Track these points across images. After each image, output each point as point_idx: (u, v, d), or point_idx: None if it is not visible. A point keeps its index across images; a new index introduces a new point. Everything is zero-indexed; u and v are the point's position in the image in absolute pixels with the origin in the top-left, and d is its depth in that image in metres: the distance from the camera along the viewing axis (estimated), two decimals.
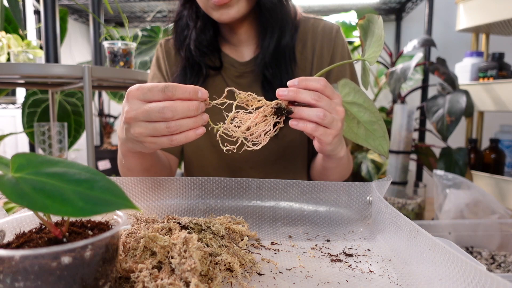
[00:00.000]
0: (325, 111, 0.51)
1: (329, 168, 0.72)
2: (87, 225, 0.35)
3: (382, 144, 0.59)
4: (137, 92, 0.49)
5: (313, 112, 0.51)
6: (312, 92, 0.51)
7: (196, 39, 0.78)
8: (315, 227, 0.57)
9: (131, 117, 0.49)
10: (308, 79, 0.52)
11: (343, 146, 0.63)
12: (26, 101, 1.64)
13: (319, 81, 0.52)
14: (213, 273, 0.38)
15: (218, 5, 0.69)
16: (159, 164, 0.73)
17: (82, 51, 2.83)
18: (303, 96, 0.51)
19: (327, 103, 0.52)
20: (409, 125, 1.45)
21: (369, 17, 0.56)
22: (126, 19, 1.18)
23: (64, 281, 0.27)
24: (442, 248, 0.35)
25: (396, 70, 1.53)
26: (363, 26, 0.57)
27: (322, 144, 0.55)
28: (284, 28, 0.76)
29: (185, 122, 0.48)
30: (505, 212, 1.10)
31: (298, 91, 0.51)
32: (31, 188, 0.27)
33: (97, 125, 2.80)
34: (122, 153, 0.65)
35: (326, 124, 0.52)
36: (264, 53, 0.75)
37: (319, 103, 0.51)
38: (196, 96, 0.48)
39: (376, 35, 0.54)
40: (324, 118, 0.51)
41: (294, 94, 0.50)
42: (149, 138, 0.50)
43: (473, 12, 1.42)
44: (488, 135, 1.57)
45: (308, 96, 0.51)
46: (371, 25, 0.56)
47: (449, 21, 2.18)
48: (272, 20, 0.74)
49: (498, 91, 1.35)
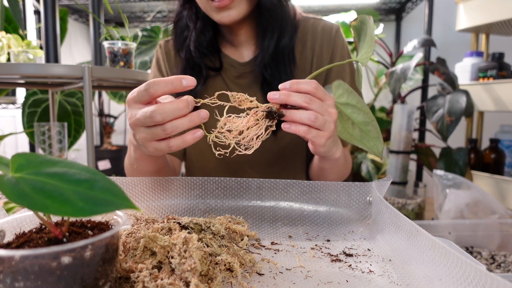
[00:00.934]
0: (317, 113, 0.51)
1: (325, 169, 0.72)
2: (87, 225, 0.35)
3: (376, 145, 0.59)
4: (132, 97, 0.49)
5: (304, 114, 0.51)
6: (303, 95, 0.51)
7: (196, 40, 0.78)
8: (315, 227, 0.57)
9: (132, 124, 0.49)
10: (300, 81, 0.52)
11: (339, 147, 0.62)
12: (26, 101, 1.64)
13: (310, 84, 0.52)
14: (213, 273, 0.38)
15: (219, 7, 0.69)
16: (167, 166, 0.74)
17: (82, 51, 2.83)
18: (294, 99, 0.50)
19: (319, 105, 0.52)
20: (409, 125, 1.44)
21: (361, 18, 0.56)
22: (126, 19, 1.18)
23: (64, 281, 0.27)
24: (442, 248, 0.35)
25: (396, 70, 1.53)
26: (356, 27, 0.57)
27: (316, 146, 0.55)
28: (284, 29, 0.76)
29: (180, 122, 0.47)
30: (505, 212, 1.10)
31: (289, 94, 0.50)
32: (31, 188, 0.27)
33: (97, 125, 2.79)
34: (135, 158, 0.65)
35: (318, 126, 0.52)
36: (263, 54, 0.75)
37: (311, 106, 0.51)
38: (181, 85, 0.47)
39: (368, 35, 0.54)
40: (316, 121, 0.51)
41: (285, 97, 0.50)
42: (152, 143, 0.50)
43: (473, 12, 1.42)
44: (488, 135, 1.57)
45: (299, 99, 0.51)
46: (363, 26, 0.56)
47: (449, 21, 2.18)
48: (272, 20, 0.74)
49: (498, 91, 1.35)
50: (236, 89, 0.80)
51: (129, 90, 1.53)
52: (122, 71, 1.10)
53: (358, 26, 0.57)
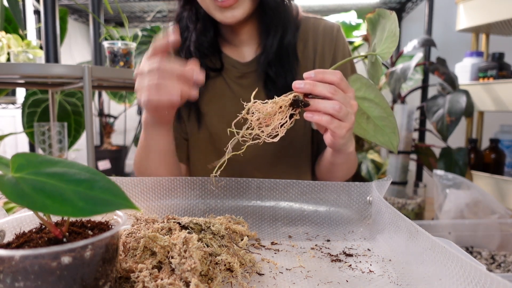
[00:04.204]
0: (341, 104, 0.51)
1: (337, 164, 0.72)
2: (87, 225, 0.35)
3: (391, 140, 0.59)
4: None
5: (329, 104, 0.51)
6: (328, 85, 0.51)
7: (196, 41, 0.78)
8: (315, 227, 0.57)
9: (137, 73, 0.57)
10: (325, 71, 0.52)
11: (353, 141, 0.63)
12: (26, 101, 1.64)
13: (336, 74, 0.52)
14: (213, 273, 0.38)
15: (223, 7, 0.68)
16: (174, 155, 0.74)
17: (82, 51, 2.83)
18: (319, 89, 0.51)
19: (343, 97, 0.52)
20: (409, 125, 1.45)
21: (380, 12, 0.56)
22: (126, 19, 1.18)
23: (64, 281, 0.27)
24: (442, 248, 0.35)
25: (396, 70, 1.53)
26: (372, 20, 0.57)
27: (335, 137, 0.55)
28: (287, 27, 0.76)
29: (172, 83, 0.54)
30: (505, 212, 1.10)
31: (314, 84, 0.51)
32: (31, 188, 0.27)
33: (97, 125, 2.80)
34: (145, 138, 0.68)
35: (341, 117, 0.52)
36: (267, 52, 0.75)
37: (335, 96, 0.51)
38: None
39: (389, 30, 0.54)
40: (340, 111, 0.51)
41: (311, 87, 0.51)
42: (147, 92, 0.55)
43: (473, 12, 1.42)
44: (488, 135, 1.57)
45: (325, 89, 0.51)
46: (382, 20, 0.56)
47: (449, 21, 2.18)
48: (275, 19, 0.74)
49: (498, 91, 1.35)
50: (238, 89, 0.80)
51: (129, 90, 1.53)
52: (122, 71, 1.10)
53: (374, 19, 0.57)
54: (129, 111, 2.82)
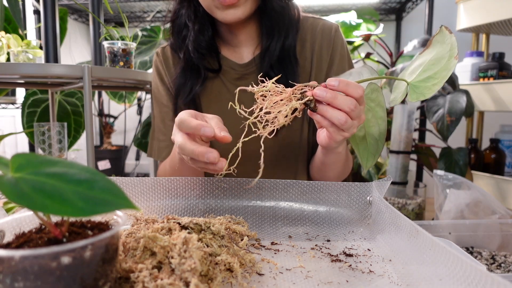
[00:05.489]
0: (348, 117, 0.50)
1: (327, 163, 0.72)
2: (87, 225, 0.35)
3: (368, 159, 0.60)
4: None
5: (336, 115, 0.50)
6: (349, 100, 0.50)
7: (195, 40, 0.78)
8: (315, 227, 0.56)
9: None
10: (349, 83, 0.50)
11: (344, 143, 0.64)
12: (25, 101, 1.63)
13: (358, 89, 0.50)
14: (213, 273, 0.38)
15: (225, 5, 0.68)
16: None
17: (82, 51, 2.83)
18: (339, 102, 0.49)
19: (358, 113, 0.51)
20: (409, 125, 1.44)
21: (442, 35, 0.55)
22: (126, 19, 1.18)
23: (64, 281, 0.27)
24: (442, 248, 0.35)
25: (396, 70, 1.53)
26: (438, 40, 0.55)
27: (330, 140, 0.55)
28: (289, 30, 0.76)
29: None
30: (506, 212, 1.10)
31: (336, 97, 0.49)
32: (31, 188, 0.27)
33: (97, 125, 2.80)
34: (179, 168, 0.67)
35: (344, 128, 0.52)
36: (270, 55, 0.75)
37: (352, 113, 0.50)
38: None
39: (440, 67, 0.52)
40: (345, 124, 0.50)
41: (332, 99, 0.49)
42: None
43: (473, 12, 1.42)
44: (488, 135, 1.57)
45: (345, 105, 0.49)
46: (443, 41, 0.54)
47: (449, 21, 2.18)
48: (281, 22, 0.74)
49: (499, 91, 1.35)
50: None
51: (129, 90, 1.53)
52: (122, 71, 1.10)
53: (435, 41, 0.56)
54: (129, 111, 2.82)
